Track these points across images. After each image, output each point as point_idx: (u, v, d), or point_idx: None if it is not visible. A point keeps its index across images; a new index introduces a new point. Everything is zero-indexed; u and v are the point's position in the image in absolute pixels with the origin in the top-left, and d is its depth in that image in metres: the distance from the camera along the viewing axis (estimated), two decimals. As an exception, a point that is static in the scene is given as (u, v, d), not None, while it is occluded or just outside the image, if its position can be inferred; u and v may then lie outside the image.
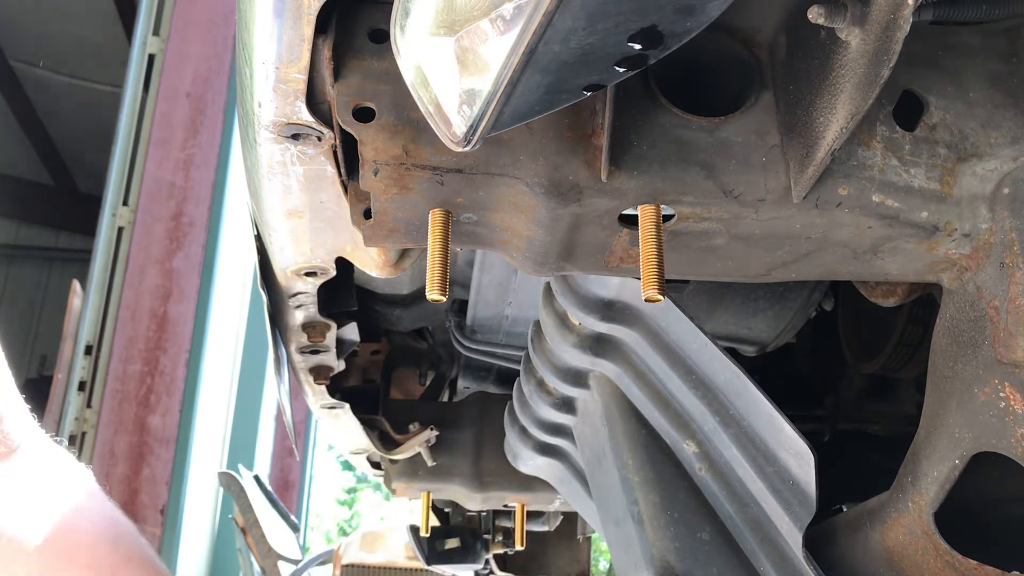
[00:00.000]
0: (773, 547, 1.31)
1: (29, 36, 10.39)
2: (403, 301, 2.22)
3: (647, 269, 0.99)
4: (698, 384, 1.37)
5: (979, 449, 1.03)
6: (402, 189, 1.03)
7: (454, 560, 3.44)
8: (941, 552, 1.08)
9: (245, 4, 1.00)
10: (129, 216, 6.52)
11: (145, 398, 6.27)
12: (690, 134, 1.03)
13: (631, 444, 1.49)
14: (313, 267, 1.45)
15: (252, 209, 1.38)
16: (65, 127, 12.15)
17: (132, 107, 6.67)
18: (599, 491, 1.62)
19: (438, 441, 2.49)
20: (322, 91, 1.05)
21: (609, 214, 1.04)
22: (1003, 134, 1.08)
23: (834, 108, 0.94)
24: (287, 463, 8.12)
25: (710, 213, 1.05)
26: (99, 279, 6.40)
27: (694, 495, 1.43)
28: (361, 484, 18.59)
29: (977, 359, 1.05)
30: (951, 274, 1.12)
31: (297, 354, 1.84)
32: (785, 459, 1.24)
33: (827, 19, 0.86)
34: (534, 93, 0.76)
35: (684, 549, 1.37)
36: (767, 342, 1.96)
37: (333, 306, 1.69)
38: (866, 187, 1.04)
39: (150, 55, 6.77)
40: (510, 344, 2.26)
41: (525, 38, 0.69)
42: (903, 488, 1.15)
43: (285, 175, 1.17)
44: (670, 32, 0.72)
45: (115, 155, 6.59)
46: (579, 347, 1.53)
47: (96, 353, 6.30)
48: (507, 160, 1.01)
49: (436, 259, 1.02)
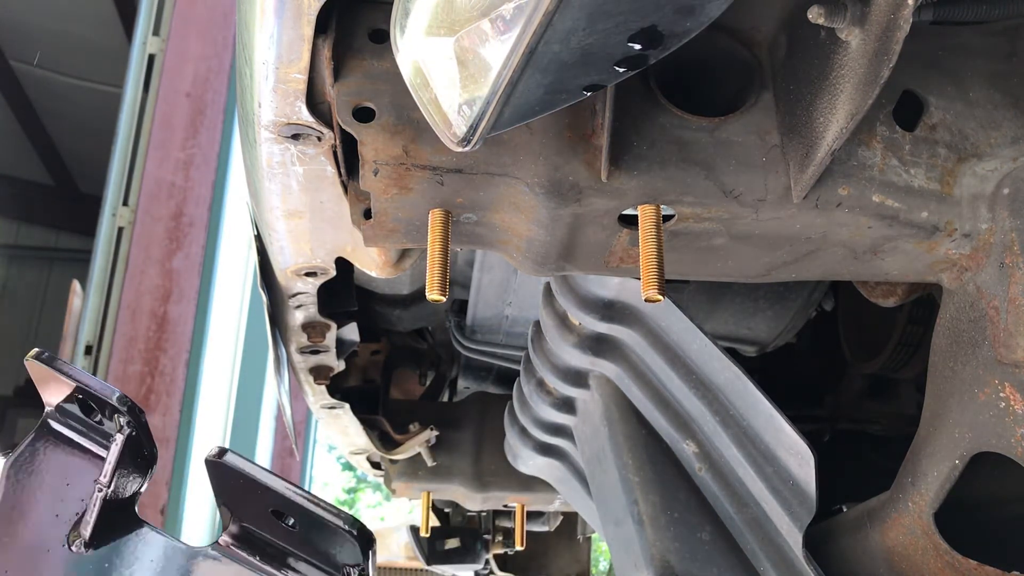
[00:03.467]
0: (773, 547, 1.31)
1: (29, 36, 10.38)
2: (403, 301, 2.22)
3: (647, 269, 0.99)
4: (698, 384, 1.37)
5: (979, 449, 1.03)
6: (402, 189, 1.03)
7: (454, 560, 3.44)
8: (941, 552, 1.08)
9: (245, 4, 1.00)
10: (129, 216, 6.52)
11: (145, 398, 6.27)
12: (690, 134, 1.03)
13: (631, 444, 1.49)
14: (313, 267, 1.45)
15: (252, 209, 1.38)
16: (65, 127, 12.14)
17: (132, 107, 6.66)
18: (599, 491, 1.62)
19: (438, 441, 2.49)
20: (322, 91, 1.05)
21: (609, 214, 1.04)
22: (1003, 134, 1.08)
23: (834, 108, 0.94)
24: (287, 463, 8.11)
25: (710, 213, 1.05)
26: (99, 279, 6.40)
27: (694, 495, 1.43)
28: (361, 484, 18.60)
29: (977, 359, 1.05)
30: (951, 274, 1.12)
31: (297, 354, 1.84)
32: (785, 459, 1.24)
33: (827, 19, 0.86)
34: (534, 93, 0.76)
35: (684, 549, 1.37)
36: (767, 342, 1.96)
37: (333, 306, 1.69)
38: (866, 187, 1.04)
39: (150, 55, 6.77)
40: (510, 344, 2.26)
41: (525, 38, 0.69)
42: (903, 488, 1.15)
43: (285, 175, 1.17)
44: (670, 32, 0.72)
45: (115, 155, 6.59)
46: (579, 347, 1.53)
47: (96, 353, 6.29)
48: (507, 160, 1.01)
49: (436, 259, 1.02)
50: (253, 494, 1.02)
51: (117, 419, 1.03)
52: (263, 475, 1.01)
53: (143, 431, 1.04)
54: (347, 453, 2.70)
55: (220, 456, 1.02)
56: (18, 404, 9.55)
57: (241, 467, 1.01)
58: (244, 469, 1.01)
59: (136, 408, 1.02)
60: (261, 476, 1.01)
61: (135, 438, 1.03)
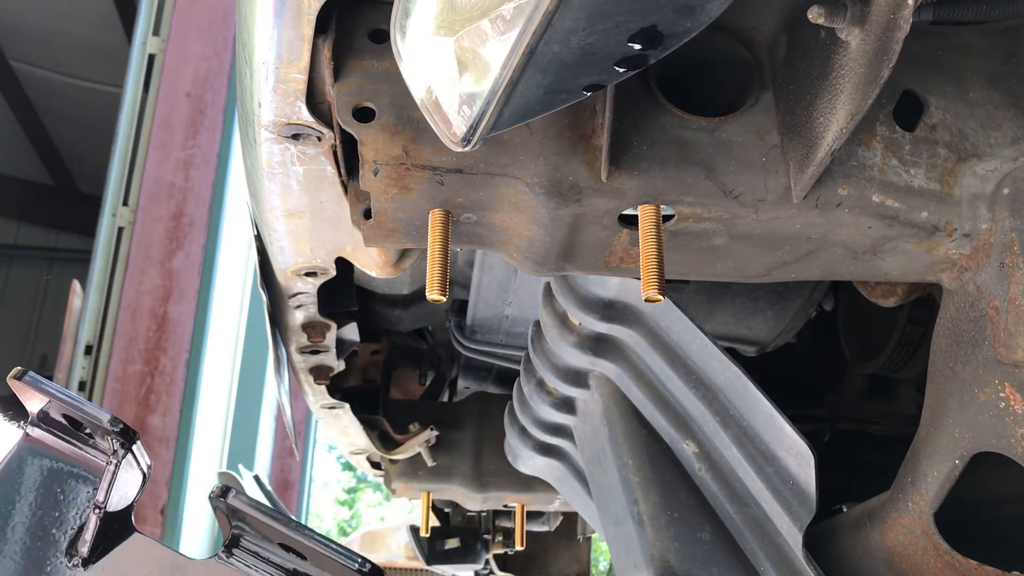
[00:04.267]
0: (773, 547, 1.31)
1: (29, 36, 10.38)
2: (403, 301, 2.22)
3: (647, 269, 0.99)
4: (698, 384, 1.37)
5: (979, 449, 1.03)
6: (402, 189, 1.03)
7: (454, 560, 3.44)
8: (941, 552, 1.08)
9: (245, 4, 1.00)
10: (129, 216, 6.52)
11: (145, 398, 6.27)
12: (690, 134, 1.03)
13: (631, 444, 1.49)
14: (313, 267, 1.45)
15: (252, 209, 1.38)
16: (65, 127, 12.14)
17: (132, 107, 6.66)
18: (599, 491, 1.62)
19: (438, 441, 2.49)
20: (322, 91, 1.05)
21: (609, 214, 1.04)
22: (1003, 134, 1.08)
23: (834, 108, 0.94)
24: (287, 463, 8.11)
25: (710, 213, 1.05)
26: (99, 279, 6.40)
27: (694, 495, 1.43)
28: (361, 484, 18.60)
29: (977, 359, 1.05)
30: (951, 274, 1.12)
31: (297, 354, 1.84)
32: (785, 459, 1.24)
33: (827, 19, 0.86)
34: (534, 93, 0.76)
35: (684, 549, 1.37)
36: (767, 342, 1.96)
37: (333, 306, 1.69)
38: (866, 187, 1.04)
39: (150, 55, 6.77)
40: (510, 344, 2.26)
41: (525, 38, 0.69)
42: (903, 488, 1.15)
43: (285, 175, 1.17)
44: (670, 32, 0.72)
45: (115, 155, 6.59)
46: (579, 347, 1.53)
47: (96, 353, 6.29)
48: (507, 160, 1.01)
49: (436, 259, 1.02)
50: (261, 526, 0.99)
51: (110, 441, 1.00)
52: (267, 517, 0.97)
53: (138, 451, 1.01)
54: (347, 453, 2.70)
55: (222, 496, 0.98)
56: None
57: (242, 509, 0.97)
58: (246, 511, 0.97)
59: (129, 430, 0.99)
60: (264, 518, 0.97)
61: (128, 457, 1.01)
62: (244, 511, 0.98)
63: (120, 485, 1.02)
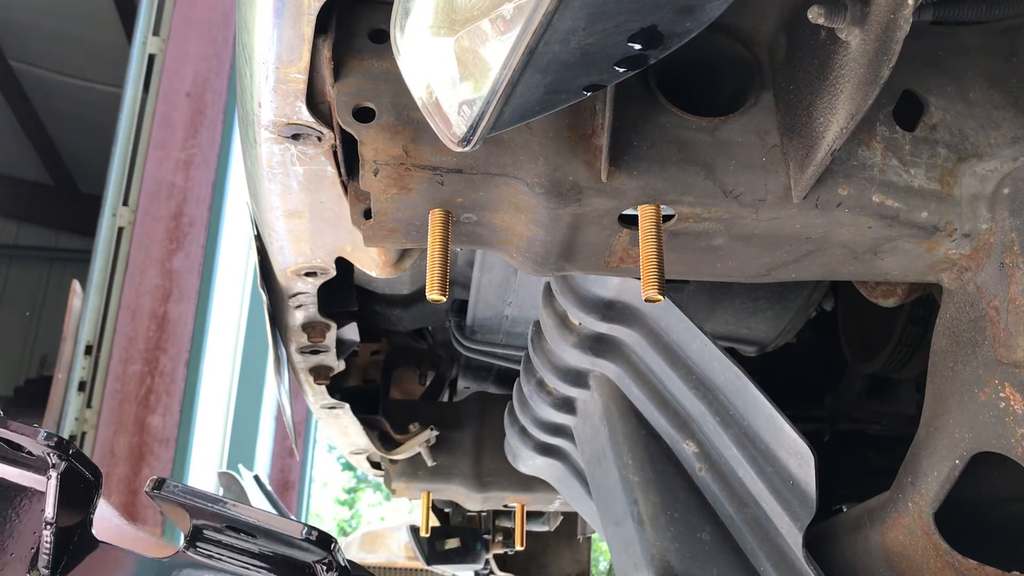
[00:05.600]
0: (773, 547, 1.31)
1: (29, 36, 10.39)
2: (403, 301, 2.22)
3: (647, 269, 0.99)
4: (698, 384, 1.37)
5: (979, 449, 1.03)
6: (402, 189, 1.03)
7: (454, 560, 3.44)
8: (941, 552, 1.08)
9: (245, 4, 1.00)
10: (129, 216, 6.52)
11: (145, 398, 6.27)
12: (690, 134, 1.03)
13: (631, 444, 1.49)
14: (313, 267, 1.45)
15: (252, 209, 1.38)
16: (65, 127, 12.15)
17: (132, 107, 6.67)
18: (599, 491, 1.62)
19: (438, 441, 2.49)
20: (322, 91, 1.05)
21: (609, 214, 1.04)
22: (1003, 134, 1.08)
23: (834, 108, 0.94)
24: (287, 463, 8.12)
25: (710, 213, 1.05)
26: (99, 279, 6.40)
27: (694, 495, 1.43)
28: (361, 484, 18.61)
29: (977, 359, 1.05)
30: (951, 274, 1.12)
31: (297, 354, 1.84)
32: (785, 459, 1.24)
33: (827, 19, 0.86)
34: (534, 93, 0.76)
35: (684, 549, 1.37)
36: (767, 342, 1.96)
37: (333, 306, 1.69)
38: (866, 187, 1.04)
39: (150, 55, 6.77)
40: (510, 344, 2.26)
41: (525, 38, 0.69)
42: (903, 488, 1.15)
43: (285, 175, 1.17)
44: (670, 32, 0.72)
45: (115, 155, 6.60)
46: (579, 347, 1.53)
47: (96, 353, 6.30)
48: (507, 160, 1.01)
49: (436, 259, 1.02)
50: (205, 513, 0.99)
51: (48, 456, 0.99)
52: (203, 502, 0.97)
53: (78, 458, 1.00)
54: (347, 453, 2.70)
55: (157, 488, 0.98)
56: (18, 404, 9.57)
57: (178, 498, 0.98)
58: (181, 500, 0.98)
59: (63, 441, 0.97)
60: (201, 503, 0.97)
61: (71, 469, 1.00)
62: (179, 500, 0.98)
63: (71, 498, 1.01)
